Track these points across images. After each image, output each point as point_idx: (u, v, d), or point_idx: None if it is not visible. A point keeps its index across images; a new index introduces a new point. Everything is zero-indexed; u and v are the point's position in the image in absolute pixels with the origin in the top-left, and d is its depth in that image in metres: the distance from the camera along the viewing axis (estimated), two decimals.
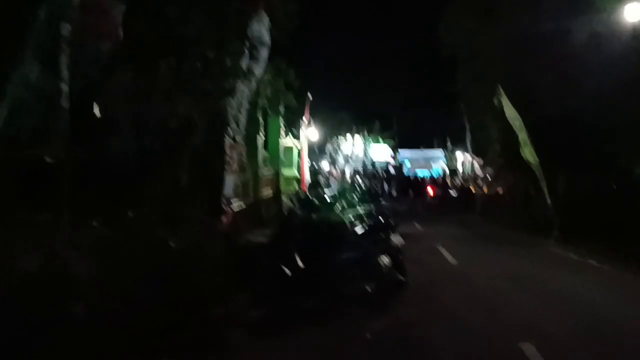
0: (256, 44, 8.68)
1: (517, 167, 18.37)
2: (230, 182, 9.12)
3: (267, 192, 14.88)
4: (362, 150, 41.98)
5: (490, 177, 25.99)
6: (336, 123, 38.46)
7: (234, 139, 9.01)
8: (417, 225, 18.02)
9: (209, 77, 8.23)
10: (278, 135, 16.46)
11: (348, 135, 39.93)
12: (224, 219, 8.88)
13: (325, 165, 31.36)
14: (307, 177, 19.39)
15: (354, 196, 16.61)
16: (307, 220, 7.60)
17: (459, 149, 35.91)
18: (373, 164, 40.73)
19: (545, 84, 15.29)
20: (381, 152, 44.29)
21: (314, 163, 25.57)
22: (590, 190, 13.76)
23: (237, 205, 11.09)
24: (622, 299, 7.71)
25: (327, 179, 25.59)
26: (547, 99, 15.37)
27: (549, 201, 14.53)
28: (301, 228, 7.39)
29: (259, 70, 9.18)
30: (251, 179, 13.17)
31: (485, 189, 25.33)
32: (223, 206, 8.77)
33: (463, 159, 35.51)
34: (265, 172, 15.10)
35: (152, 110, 8.50)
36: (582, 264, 10.82)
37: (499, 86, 15.44)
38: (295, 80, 15.27)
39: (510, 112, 15.45)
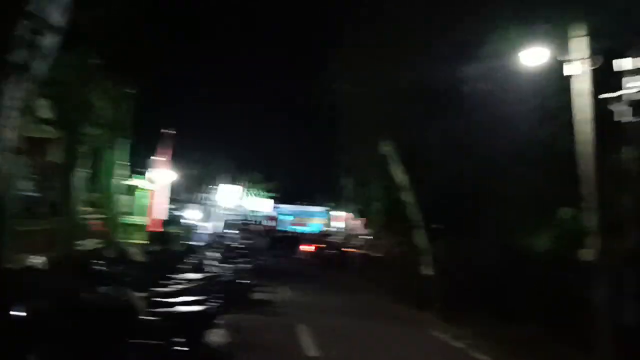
0: (35, 24, 5.67)
1: (398, 228, 16.75)
2: None
3: (92, 243, 11.47)
4: (239, 201, 39.15)
5: (370, 238, 24.45)
6: (212, 169, 35.57)
7: None
8: (284, 289, 15.39)
9: None
10: (113, 172, 13.19)
11: (224, 184, 37.00)
12: None
13: (193, 213, 27.99)
14: (159, 224, 16.08)
15: (208, 252, 13.75)
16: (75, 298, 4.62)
17: (340, 206, 34.42)
18: (246, 217, 37.90)
19: (433, 143, 13.98)
20: (260, 205, 41.88)
21: (174, 211, 22.21)
22: (475, 260, 12.36)
23: (37, 261, 7.80)
24: None
25: (190, 229, 22.29)
26: (434, 159, 14.03)
27: (430, 271, 12.72)
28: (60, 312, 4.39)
29: (39, 65, 6.00)
30: (64, 226, 9.83)
31: (364, 250, 23.57)
32: None
33: (344, 216, 34.02)
34: (91, 216, 11.79)
35: None
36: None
37: (384, 143, 13.74)
38: (129, 103, 12.39)
39: (396, 170, 13.75)
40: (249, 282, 12.79)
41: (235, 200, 38.41)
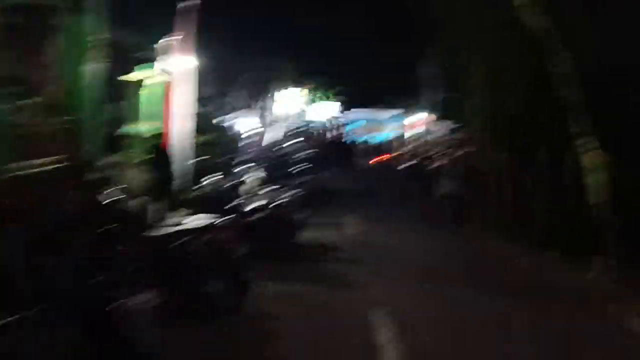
0: None
1: (517, 131, 11.25)
2: None
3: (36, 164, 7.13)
4: (302, 108, 34.46)
5: (460, 144, 19.12)
6: (275, 73, 30.76)
7: None
8: (347, 222, 10.72)
9: None
10: (84, 54, 8.51)
11: (284, 88, 32.29)
12: None
13: (244, 122, 23.63)
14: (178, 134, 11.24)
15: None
16: None
17: (420, 108, 28.93)
18: (308, 125, 33.06)
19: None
20: (326, 111, 37.00)
21: (213, 118, 17.61)
22: None
23: None
24: None
25: (235, 141, 17.84)
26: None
27: (597, 198, 7.42)
28: None
29: None
30: None
31: (453, 162, 18.23)
32: None
33: (424, 119, 28.66)
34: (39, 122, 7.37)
35: None
36: None
37: None
38: None
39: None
40: (298, 217, 8.46)
41: (297, 107, 33.74)
